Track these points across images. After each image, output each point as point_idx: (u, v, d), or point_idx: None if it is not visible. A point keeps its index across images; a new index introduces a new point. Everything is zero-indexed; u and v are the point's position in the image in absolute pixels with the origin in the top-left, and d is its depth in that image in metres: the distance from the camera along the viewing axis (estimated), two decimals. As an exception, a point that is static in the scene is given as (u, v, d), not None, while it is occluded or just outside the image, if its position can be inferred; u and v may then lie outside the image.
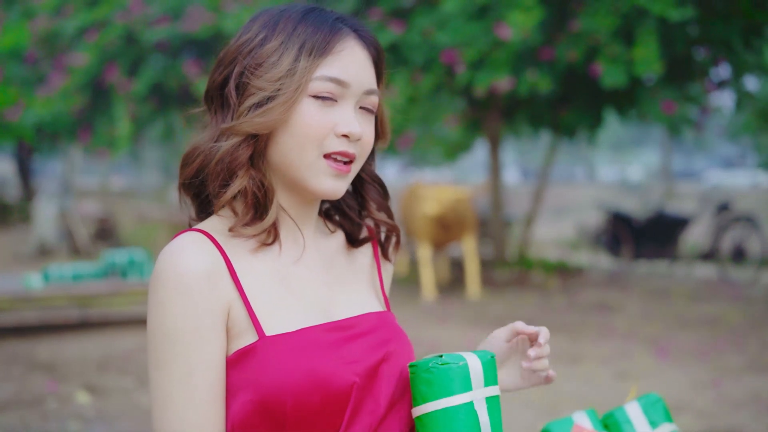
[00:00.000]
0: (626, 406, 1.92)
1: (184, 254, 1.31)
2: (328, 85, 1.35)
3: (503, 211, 12.57)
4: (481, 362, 1.40)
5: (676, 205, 21.70)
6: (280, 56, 1.35)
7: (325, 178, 1.37)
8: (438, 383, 1.36)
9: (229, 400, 1.32)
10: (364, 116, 1.40)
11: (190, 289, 1.29)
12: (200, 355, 1.29)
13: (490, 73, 9.33)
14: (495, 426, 1.41)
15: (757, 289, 10.97)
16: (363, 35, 1.41)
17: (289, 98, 1.33)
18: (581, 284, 11.30)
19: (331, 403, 1.33)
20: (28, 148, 20.38)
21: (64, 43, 13.40)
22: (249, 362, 1.31)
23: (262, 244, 1.40)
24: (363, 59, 1.38)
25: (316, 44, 1.35)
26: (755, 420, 5.31)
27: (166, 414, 1.29)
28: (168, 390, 1.29)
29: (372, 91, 1.39)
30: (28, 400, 5.59)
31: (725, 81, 10.63)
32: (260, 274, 1.38)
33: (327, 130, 1.35)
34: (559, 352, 7.15)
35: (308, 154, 1.35)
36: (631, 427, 1.88)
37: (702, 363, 6.82)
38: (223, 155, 1.37)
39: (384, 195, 1.57)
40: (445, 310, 9.25)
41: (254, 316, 1.33)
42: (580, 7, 9.43)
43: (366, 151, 1.41)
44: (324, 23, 1.37)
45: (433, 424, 1.36)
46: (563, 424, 1.90)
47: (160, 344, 1.30)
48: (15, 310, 7.80)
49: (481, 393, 1.38)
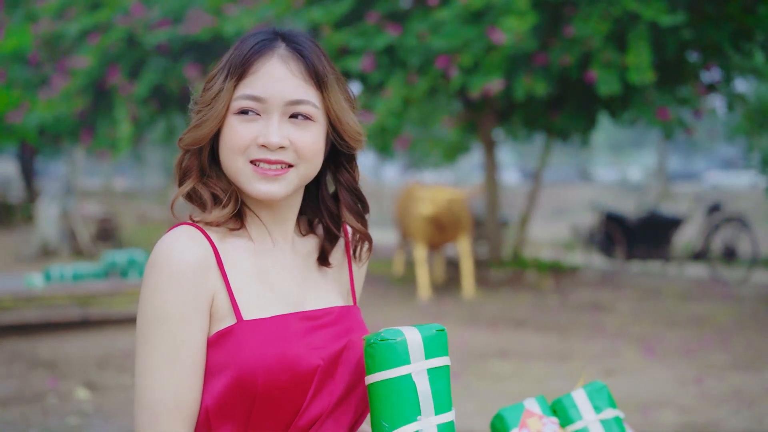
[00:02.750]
0: (573, 393, 2.08)
1: (178, 245, 1.51)
2: (247, 102, 1.54)
3: (499, 211, 12.73)
4: (421, 336, 1.54)
5: (671, 206, 21.85)
6: (215, 82, 1.57)
7: (255, 183, 1.55)
8: (379, 357, 1.52)
9: (210, 377, 1.51)
10: (297, 124, 1.56)
11: (182, 277, 1.48)
12: (185, 335, 1.48)
13: (483, 76, 9.50)
14: (438, 395, 1.54)
15: (747, 289, 11.13)
16: (295, 50, 1.57)
17: (214, 116, 1.54)
18: (575, 284, 11.46)
19: (297, 383, 1.53)
20: (30, 150, 20.54)
21: (66, 46, 13.57)
22: (227, 342, 1.50)
23: (230, 232, 1.60)
24: (284, 74, 1.54)
25: (237, 68, 1.55)
26: (735, 415, 5.46)
27: (150, 383, 1.48)
28: (153, 363, 1.48)
29: (297, 101, 1.55)
30: (29, 396, 5.75)
31: (716, 84, 10.77)
32: (243, 267, 1.58)
33: (249, 141, 1.54)
34: (549, 351, 7.31)
35: (236, 162, 1.55)
36: (577, 411, 2.04)
37: (687, 360, 6.98)
38: (178, 164, 1.61)
39: (358, 203, 1.72)
40: (439, 310, 9.40)
41: (235, 302, 1.53)
42: (573, 11, 9.59)
43: (306, 155, 1.56)
44: (248, 47, 1.56)
45: (377, 393, 1.53)
46: (515, 410, 2.06)
47: (150, 323, 1.48)
48: (17, 309, 7.96)
49: (420, 365, 1.52)
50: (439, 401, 1.54)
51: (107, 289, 8.11)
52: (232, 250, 1.58)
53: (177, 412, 1.47)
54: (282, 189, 1.56)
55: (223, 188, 1.60)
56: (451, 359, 1.60)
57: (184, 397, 1.48)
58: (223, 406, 1.50)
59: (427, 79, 10.00)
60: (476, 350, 7.28)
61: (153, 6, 12.65)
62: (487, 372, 6.53)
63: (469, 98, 11.19)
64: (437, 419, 1.52)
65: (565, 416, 2.05)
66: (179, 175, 1.63)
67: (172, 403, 1.47)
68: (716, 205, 12.87)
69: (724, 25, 9.85)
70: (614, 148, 56.10)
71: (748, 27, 9.91)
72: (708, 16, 9.94)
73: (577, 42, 9.37)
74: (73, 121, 13.58)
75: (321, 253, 1.72)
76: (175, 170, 1.63)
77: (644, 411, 5.50)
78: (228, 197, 1.59)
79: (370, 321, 9.01)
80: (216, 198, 1.59)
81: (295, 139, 1.55)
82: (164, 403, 1.47)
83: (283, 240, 1.66)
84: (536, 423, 2.03)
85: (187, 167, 1.61)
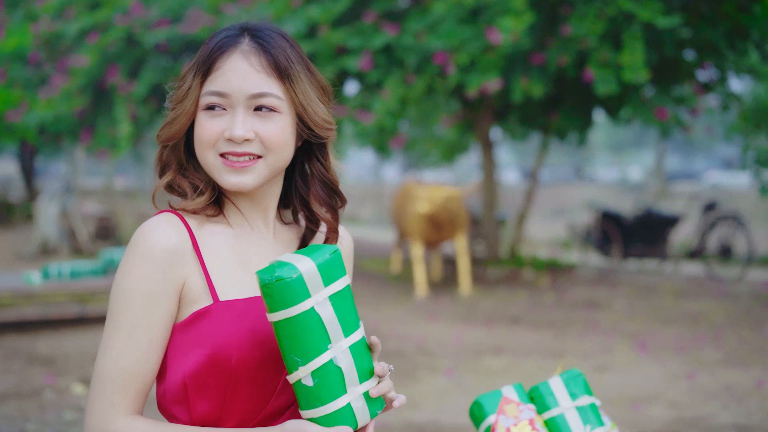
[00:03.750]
0: (550, 380, 2.15)
1: (156, 230, 1.59)
2: (213, 98, 1.62)
3: (496, 210, 12.78)
4: (316, 265, 1.52)
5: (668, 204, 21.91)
6: (185, 80, 1.65)
7: (225, 175, 1.62)
8: (278, 297, 1.49)
9: (189, 352, 1.57)
10: (261, 116, 1.62)
11: (154, 260, 1.56)
12: (147, 316, 1.55)
13: (480, 75, 9.55)
14: (343, 317, 1.54)
15: (742, 286, 11.19)
16: (258, 44, 1.64)
17: (185, 113, 1.63)
18: (571, 282, 11.51)
19: (270, 361, 1.59)
20: (31, 149, 20.61)
21: (65, 46, 13.63)
22: (203, 322, 1.58)
23: (208, 218, 1.67)
24: (245, 69, 1.61)
25: (202, 65, 1.63)
26: (724, 410, 5.52)
27: (106, 354, 1.57)
28: (112, 338, 1.57)
29: (259, 95, 1.61)
30: (26, 391, 5.81)
31: (711, 83, 10.83)
32: (221, 252, 1.65)
33: (217, 136, 1.61)
34: (543, 347, 7.37)
35: (207, 156, 1.63)
36: (554, 398, 2.11)
37: (679, 357, 7.04)
38: (158, 158, 1.70)
39: (331, 194, 1.77)
40: (436, 307, 9.46)
41: (211, 284, 1.60)
42: (569, 11, 9.65)
43: (272, 146, 1.62)
44: (212, 45, 1.63)
45: (282, 331, 1.51)
46: (493, 396, 2.13)
47: (117, 300, 1.57)
48: (15, 306, 8.01)
49: (321, 295, 1.51)
50: (346, 323, 1.54)
51: (105, 287, 8.16)
52: (210, 235, 1.65)
53: (123, 386, 1.55)
54: (251, 180, 1.62)
55: (201, 179, 1.68)
56: (444, 356, 1.61)
57: (133, 373, 1.55)
58: (199, 381, 1.56)
59: (425, 78, 10.06)
60: (470, 347, 7.33)
61: (152, 5, 12.72)
62: (480, 368, 6.59)
63: (466, 97, 11.25)
64: (347, 341, 1.53)
65: (542, 403, 2.11)
66: (159, 168, 1.71)
67: (121, 378, 1.55)
68: (712, 204, 12.93)
69: (720, 24, 9.91)
70: (615, 147, 56.17)
71: (743, 26, 9.97)
72: (703, 15, 9.99)
73: (574, 41, 9.43)
74: (72, 120, 13.64)
75: (302, 241, 1.77)
76: (156, 164, 1.72)
77: (635, 406, 5.56)
78: (205, 186, 1.67)
79: (368, 319, 9.08)
80: (196, 188, 1.67)
81: (261, 131, 1.61)
82: (113, 376, 1.56)
83: (264, 227, 1.73)
84: (513, 409, 2.09)
85: (166, 161, 1.70)
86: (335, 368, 1.52)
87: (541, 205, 27.56)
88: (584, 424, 2.06)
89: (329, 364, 1.51)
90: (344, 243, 1.84)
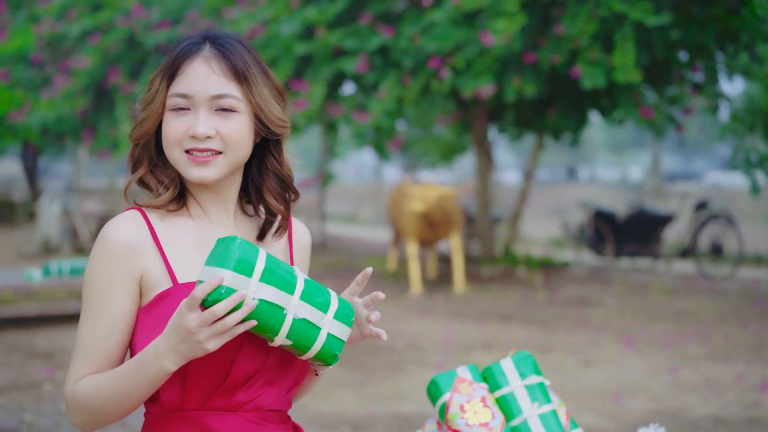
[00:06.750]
0: (501, 361, 2.31)
1: (117, 226, 1.78)
2: (177, 100, 1.79)
3: (491, 209, 12.94)
4: (232, 269, 1.61)
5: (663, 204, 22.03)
6: (153, 83, 1.83)
7: (190, 169, 1.80)
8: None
9: (149, 333, 1.75)
10: (222, 116, 1.80)
11: (112, 253, 1.76)
12: (107, 302, 1.75)
13: (474, 78, 9.71)
14: (280, 282, 1.66)
15: (732, 284, 11.33)
16: (218, 50, 1.81)
17: (153, 113, 1.82)
18: (564, 280, 11.66)
19: None
20: (33, 149, 20.81)
21: (68, 47, 13.82)
22: (164, 303, 1.75)
23: (170, 213, 1.85)
24: (207, 73, 1.79)
25: (168, 70, 1.81)
26: (703, 403, 5.67)
27: (79, 334, 1.78)
28: (83, 318, 1.78)
29: (219, 96, 1.79)
30: (25, 384, 5.97)
31: (701, 84, 10.96)
32: (181, 241, 1.82)
33: (182, 134, 1.79)
34: (532, 343, 7.52)
35: (174, 152, 1.81)
36: (504, 378, 2.27)
37: (664, 352, 7.19)
38: (130, 155, 1.89)
39: (283, 186, 1.94)
40: (430, 304, 9.61)
41: (171, 270, 1.78)
42: (561, 12, 9.80)
43: (231, 143, 1.80)
44: (177, 52, 1.82)
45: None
46: (448, 376, 2.29)
47: (85, 287, 1.78)
48: (16, 303, 8.19)
49: (253, 285, 1.63)
50: (284, 283, 1.67)
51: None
52: (171, 227, 1.84)
53: (86, 358, 1.76)
54: (213, 173, 1.80)
55: (167, 175, 1.86)
56: (435, 351, 1.76)
57: (95, 348, 1.75)
58: None
59: (420, 79, 10.21)
60: (461, 343, 7.49)
61: (153, 7, 12.90)
62: (469, 362, 6.71)
63: (461, 98, 11.40)
64: (296, 296, 1.68)
65: (494, 382, 2.27)
66: (131, 164, 1.89)
67: (84, 352, 1.76)
68: (703, 203, 13.08)
69: (709, 26, 10.06)
70: (615, 148, 56.29)
71: (733, 28, 10.11)
72: (694, 16, 10.14)
73: (566, 41, 9.58)
74: (74, 120, 13.82)
75: (261, 231, 1.94)
76: (128, 160, 1.90)
77: (617, 398, 5.72)
78: (170, 182, 1.85)
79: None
80: (161, 184, 1.85)
81: (221, 129, 1.79)
82: (78, 351, 1.77)
83: (226, 217, 1.90)
84: (467, 388, 2.25)
85: (137, 158, 1.88)
86: (300, 321, 1.69)
87: (540, 205, 27.70)
88: (532, 401, 2.21)
89: (294, 322, 1.68)
90: (301, 239, 2.03)
